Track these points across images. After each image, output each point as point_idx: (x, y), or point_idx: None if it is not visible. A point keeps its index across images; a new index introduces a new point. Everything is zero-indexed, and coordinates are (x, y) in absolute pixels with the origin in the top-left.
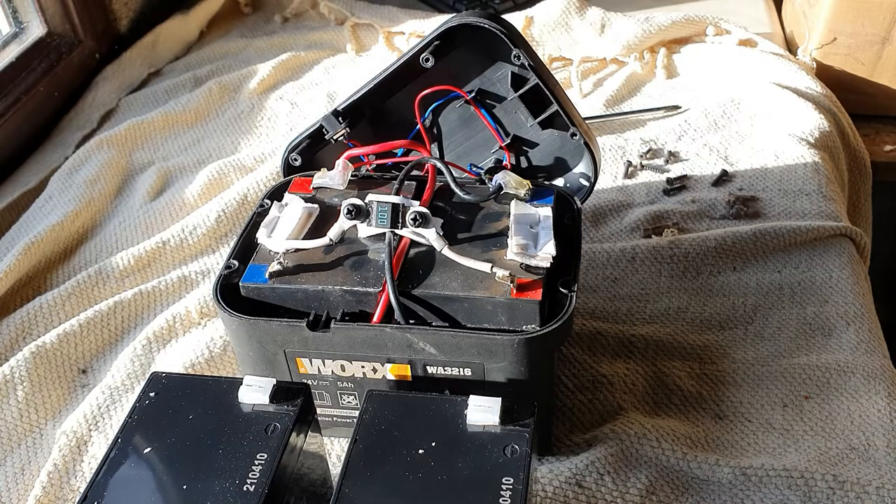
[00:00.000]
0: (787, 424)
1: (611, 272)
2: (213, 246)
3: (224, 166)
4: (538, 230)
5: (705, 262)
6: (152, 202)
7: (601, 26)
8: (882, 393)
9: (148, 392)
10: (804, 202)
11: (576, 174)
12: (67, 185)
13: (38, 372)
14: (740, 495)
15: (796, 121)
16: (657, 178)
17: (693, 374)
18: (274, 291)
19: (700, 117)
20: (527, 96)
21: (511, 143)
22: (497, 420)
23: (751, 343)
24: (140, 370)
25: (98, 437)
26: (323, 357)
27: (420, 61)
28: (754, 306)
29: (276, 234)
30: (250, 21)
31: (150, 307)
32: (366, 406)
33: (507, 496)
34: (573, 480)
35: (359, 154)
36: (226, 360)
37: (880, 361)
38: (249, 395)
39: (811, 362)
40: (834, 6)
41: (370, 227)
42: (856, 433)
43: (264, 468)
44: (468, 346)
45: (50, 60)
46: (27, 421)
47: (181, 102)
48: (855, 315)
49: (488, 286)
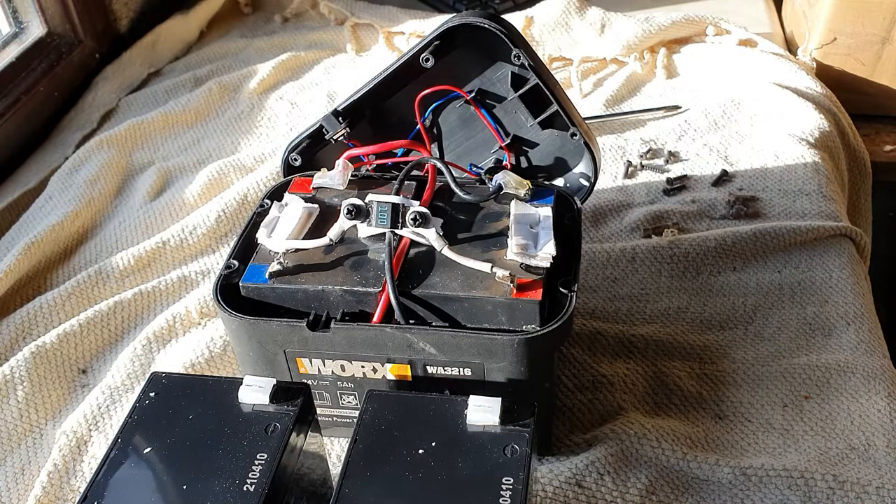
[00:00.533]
0: (787, 424)
1: (611, 272)
2: (213, 246)
3: (224, 166)
4: (538, 230)
5: (705, 262)
6: (152, 202)
7: (601, 26)
8: (882, 393)
9: (148, 392)
10: (804, 202)
11: (576, 174)
12: (67, 185)
13: (38, 372)
14: (740, 495)
15: (796, 121)
16: (657, 178)
17: (693, 374)
18: (274, 291)
19: (700, 117)
20: (527, 96)
21: (511, 143)
22: (497, 420)
23: (751, 343)
24: (140, 370)
25: (98, 437)
26: (323, 357)
27: (420, 61)
28: (754, 306)
29: (276, 234)
30: (250, 21)
31: (150, 307)
32: (366, 406)
33: (507, 496)
34: (573, 480)
35: (359, 154)
36: (226, 360)
37: (880, 361)
38: (249, 395)
39: (811, 362)
40: (834, 6)
41: (370, 227)
42: (856, 433)
43: (264, 468)
44: (468, 346)
45: (50, 60)
46: (27, 421)
47: (181, 102)
48: (855, 315)
49: (488, 286)
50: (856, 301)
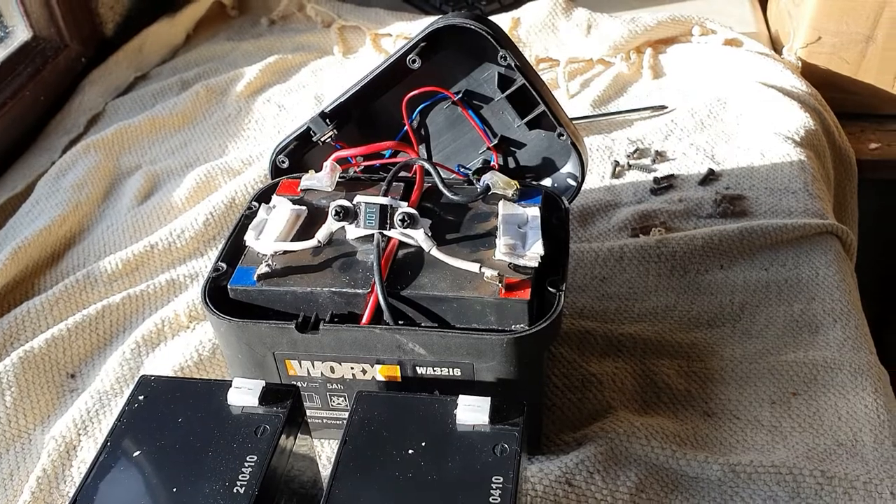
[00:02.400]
0: (775, 421)
1: (599, 271)
2: (202, 249)
3: (212, 169)
4: (526, 230)
5: (693, 260)
6: (140, 206)
7: (587, 27)
8: (869, 389)
9: (137, 395)
10: (790, 200)
11: (563, 174)
12: (54, 189)
13: (27, 377)
14: (729, 492)
15: (782, 119)
16: (644, 177)
17: (681, 372)
18: (262, 294)
19: (686, 117)
20: (514, 97)
21: (498, 143)
22: (487, 419)
23: (738, 341)
24: (129, 374)
25: (87, 442)
26: (312, 359)
27: (407, 63)
28: (742, 304)
29: (264, 237)
30: (237, 24)
31: (138, 311)
32: (356, 407)
33: (497, 495)
34: (563, 479)
35: (346, 156)
36: (215, 362)
37: (867, 358)
38: (239, 398)
39: (798, 359)
40: (818, 5)
41: (358, 229)
42: (843, 429)
43: (254, 470)
44: (457, 347)
45: (36, 65)
46: (15, 426)
47: (168, 106)
48: (841, 312)
49: (477, 286)
50: (842, 298)
